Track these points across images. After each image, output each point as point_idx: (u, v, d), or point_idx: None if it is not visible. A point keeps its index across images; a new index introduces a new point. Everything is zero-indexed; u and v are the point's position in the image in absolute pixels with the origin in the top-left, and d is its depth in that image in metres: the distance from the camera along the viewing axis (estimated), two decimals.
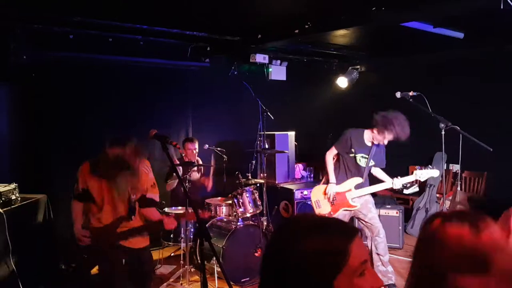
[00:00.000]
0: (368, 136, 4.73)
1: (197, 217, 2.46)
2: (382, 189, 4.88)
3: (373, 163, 4.78)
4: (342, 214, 4.80)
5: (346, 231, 1.13)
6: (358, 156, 4.73)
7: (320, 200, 4.91)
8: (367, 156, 4.74)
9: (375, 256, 4.77)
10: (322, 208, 4.88)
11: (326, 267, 1.08)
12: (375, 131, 4.62)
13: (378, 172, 4.91)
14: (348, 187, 4.79)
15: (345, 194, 4.78)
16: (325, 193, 4.85)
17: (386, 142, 4.63)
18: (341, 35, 5.94)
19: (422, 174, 4.61)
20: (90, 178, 3.53)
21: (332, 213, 4.81)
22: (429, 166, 4.68)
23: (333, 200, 4.79)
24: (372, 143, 4.72)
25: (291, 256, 1.09)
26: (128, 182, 3.46)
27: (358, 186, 4.77)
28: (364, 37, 6.29)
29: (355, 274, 1.09)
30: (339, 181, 4.81)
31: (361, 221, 4.84)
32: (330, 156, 4.89)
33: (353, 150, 4.73)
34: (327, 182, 4.88)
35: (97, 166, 3.47)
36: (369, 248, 4.84)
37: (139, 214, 3.65)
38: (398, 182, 4.66)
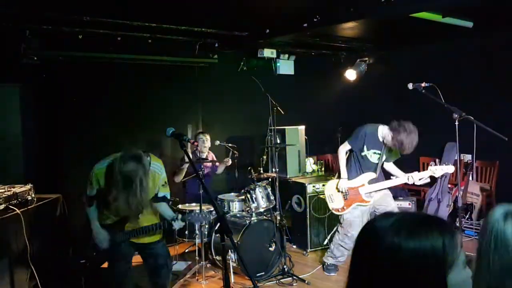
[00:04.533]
0: (382, 132, 4.69)
1: (217, 212, 2.47)
2: (397, 184, 4.86)
3: (385, 158, 4.78)
4: (360, 210, 4.80)
5: (450, 226, 1.12)
6: (370, 152, 4.72)
7: (333, 194, 4.92)
8: (379, 152, 4.73)
9: None
10: (335, 202, 4.90)
11: (441, 265, 1.06)
12: (390, 134, 4.53)
13: (391, 167, 4.89)
14: (361, 182, 4.79)
15: (358, 189, 4.79)
16: (337, 188, 4.86)
17: (391, 146, 4.61)
18: (349, 28, 5.91)
19: (436, 170, 4.57)
20: (103, 179, 3.52)
21: (345, 207, 4.82)
22: (445, 162, 4.66)
23: (345, 195, 4.80)
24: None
25: (400, 257, 1.06)
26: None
27: (371, 182, 4.77)
28: (372, 28, 6.26)
29: (462, 267, 1.10)
30: (350, 177, 4.82)
31: None
32: (343, 151, 4.89)
33: (365, 147, 4.72)
34: (340, 177, 4.89)
35: (111, 177, 3.39)
36: None
37: (149, 212, 3.68)
38: (414, 177, 4.62)
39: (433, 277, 1.05)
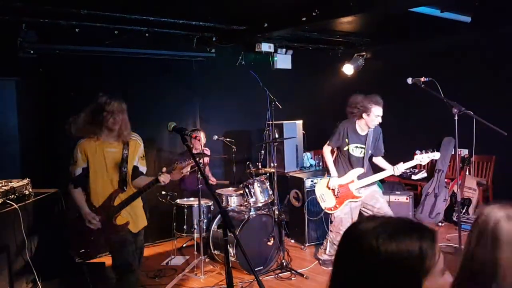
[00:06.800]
0: (360, 125, 4.75)
1: (219, 207, 2.45)
2: (384, 176, 4.89)
3: (370, 152, 4.80)
4: (349, 207, 4.82)
5: (431, 233, 1.14)
6: (352, 146, 4.76)
7: (325, 194, 4.93)
8: (363, 146, 4.77)
9: None
10: (327, 201, 4.90)
11: (417, 269, 1.08)
12: (364, 116, 4.64)
13: (379, 161, 4.93)
14: (351, 178, 4.81)
15: (348, 186, 4.81)
16: (328, 187, 4.87)
17: (380, 120, 4.67)
18: (348, 22, 5.91)
19: (422, 158, 4.64)
20: (88, 148, 3.62)
21: (337, 206, 4.83)
22: (429, 150, 4.70)
23: (337, 193, 4.81)
24: (368, 131, 4.76)
25: (378, 260, 1.08)
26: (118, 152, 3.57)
27: (360, 176, 4.80)
28: (370, 23, 6.25)
29: (439, 274, 1.12)
30: (339, 174, 4.85)
31: (369, 212, 4.85)
32: (327, 150, 4.96)
33: (346, 141, 4.76)
34: (329, 175, 4.91)
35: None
36: None
37: (131, 187, 3.65)
38: (399, 168, 4.67)
39: (407, 282, 1.08)
